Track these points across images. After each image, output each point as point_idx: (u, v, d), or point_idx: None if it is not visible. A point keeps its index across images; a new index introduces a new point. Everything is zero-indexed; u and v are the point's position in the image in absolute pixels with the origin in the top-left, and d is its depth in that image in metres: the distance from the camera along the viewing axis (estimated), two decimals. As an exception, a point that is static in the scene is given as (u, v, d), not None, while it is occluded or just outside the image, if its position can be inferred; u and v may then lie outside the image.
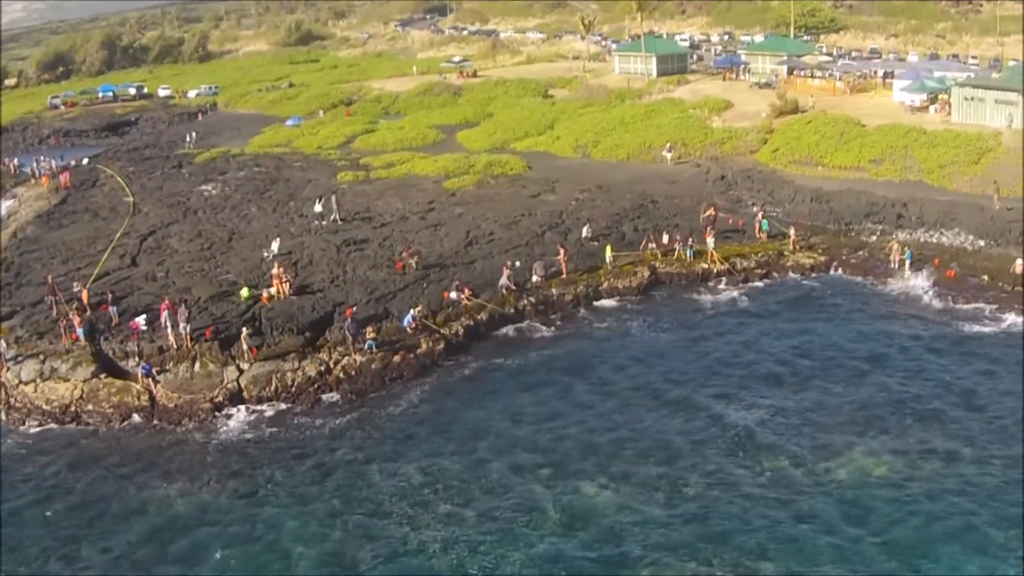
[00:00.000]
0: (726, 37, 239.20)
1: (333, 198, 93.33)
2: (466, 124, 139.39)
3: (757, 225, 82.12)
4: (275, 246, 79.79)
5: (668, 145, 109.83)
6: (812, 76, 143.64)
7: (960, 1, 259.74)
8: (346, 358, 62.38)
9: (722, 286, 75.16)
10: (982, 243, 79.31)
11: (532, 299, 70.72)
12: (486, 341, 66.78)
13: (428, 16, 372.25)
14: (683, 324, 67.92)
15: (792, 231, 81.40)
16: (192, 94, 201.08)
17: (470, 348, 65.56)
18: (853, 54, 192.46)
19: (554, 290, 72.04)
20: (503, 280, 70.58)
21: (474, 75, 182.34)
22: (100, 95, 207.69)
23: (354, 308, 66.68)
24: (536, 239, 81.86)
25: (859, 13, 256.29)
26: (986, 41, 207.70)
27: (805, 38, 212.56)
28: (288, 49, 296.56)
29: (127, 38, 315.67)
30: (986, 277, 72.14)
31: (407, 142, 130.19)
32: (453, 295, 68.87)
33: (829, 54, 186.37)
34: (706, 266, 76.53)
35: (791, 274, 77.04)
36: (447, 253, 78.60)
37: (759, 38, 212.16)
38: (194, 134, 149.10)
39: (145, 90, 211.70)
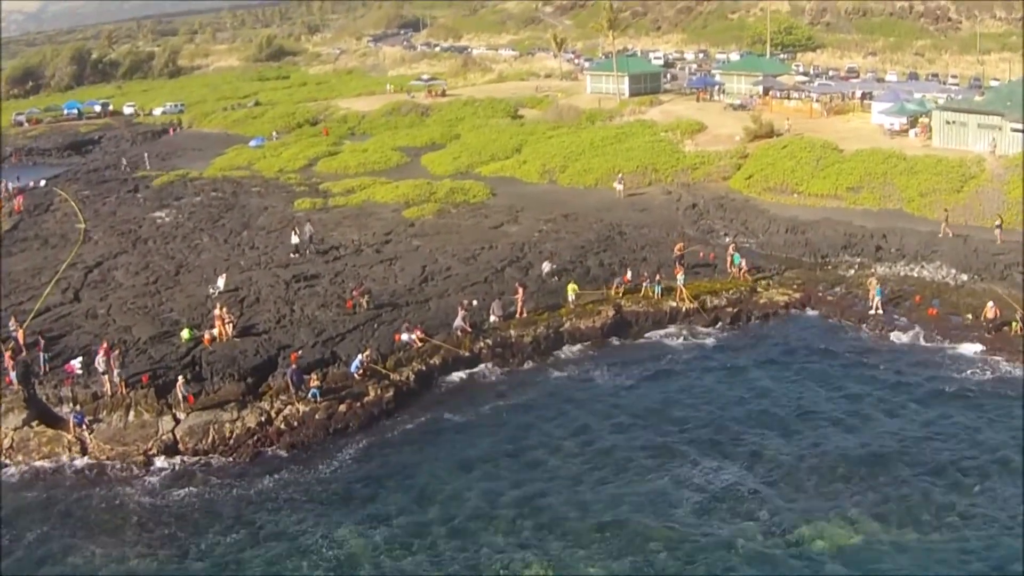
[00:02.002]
0: (701, 55, 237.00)
1: (308, 226, 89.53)
2: (432, 146, 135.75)
3: (729, 259, 77.91)
4: (221, 282, 75.63)
5: (619, 176, 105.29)
6: (788, 97, 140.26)
7: (939, 19, 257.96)
8: (288, 407, 58.09)
9: (691, 326, 70.78)
10: (964, 277, 75.57)
11: (489, 341, 66.27)
12: (438, 388, 62.46)
13: (402, 31, 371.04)
14: (647, 372, 63.45)
15: (743, 262, 77.85)
16: (157, 112, 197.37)
17: (421, 396, 61.19)
18: (830, 73, 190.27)
19: (512, 332, 67.59)
20: (458, 321, 66.32)
21: (443, 94, 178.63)
22: (65, 112, 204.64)
23: (299, 352, 62.76)
24: (495, 275, 77.63)
25: (836, 31, 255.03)
26: (965, 60, 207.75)
27: (782, 56, 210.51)
28: (259, 65, 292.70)
29: (97, 53, 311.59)
30: (970, 316, 67.97)
31: (370, 165, 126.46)
32: (405, 337, 64.62)
33: (806, 73, 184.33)
34: (675, 304, 72.23)
35: (764, 312, 72.63)
36: (401, 290, 74.32)
37: (734, 56, 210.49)
38: (146, 155, 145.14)
39: (111, 107, 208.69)
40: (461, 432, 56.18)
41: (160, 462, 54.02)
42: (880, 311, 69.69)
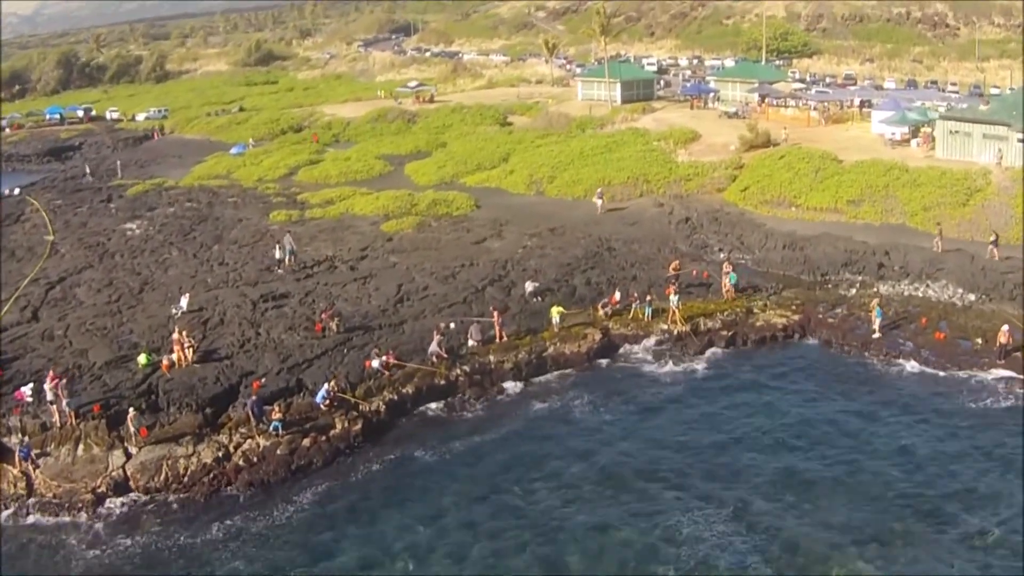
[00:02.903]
0: (695, 61, 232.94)
1: (288, 238, 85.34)
2: (417, 154, 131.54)
3: (725, 279, 73.50)
4: (184, 302, 71.35)
5: (599, 191, 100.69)
6: (785, 105, 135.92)
7: (936, 25, 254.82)
8: (248, 441, 53.82)
9: (683, 351, 66.25)
10: (972, 297, 71.61)
11: (466, 368, 61.85)
12: (411, 419, 58.02)
13: (394, 36, 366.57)
14: (633, 403, 58.88)
15: (724, 282, 73.67)
16: (140, 117, 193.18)
17: (392, 428, 56.79)
18: (827, 80, 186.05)
19: (492, 357, 63.16)
20: (433, 346, 61.89)
21: (431, 100, 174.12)
22: (47, 117, 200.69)
23: (263, 380, 58.67)
24: (475, 295, 73.15)
25: (833, 37, 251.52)
26: (964, 67, 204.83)
27: (777, 63, 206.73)
28: (247, 69, 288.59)
29: (84, 56, 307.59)
30: (980, 340, 63.74)
31: (352, 175, 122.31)
32: (376, 364, 60.14)
33: (802, 80, 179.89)
34: (666, 327, 67.81)
35: (761, 336, 68.17)
36: (374, 312, 69.87)
37: (729, 63, 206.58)
38: (119, 163, 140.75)
39: (93, 112, 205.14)
40: (432, 473, 51.71)
41: (109, 502, 49.89)
42: (880, 334, 65.29)
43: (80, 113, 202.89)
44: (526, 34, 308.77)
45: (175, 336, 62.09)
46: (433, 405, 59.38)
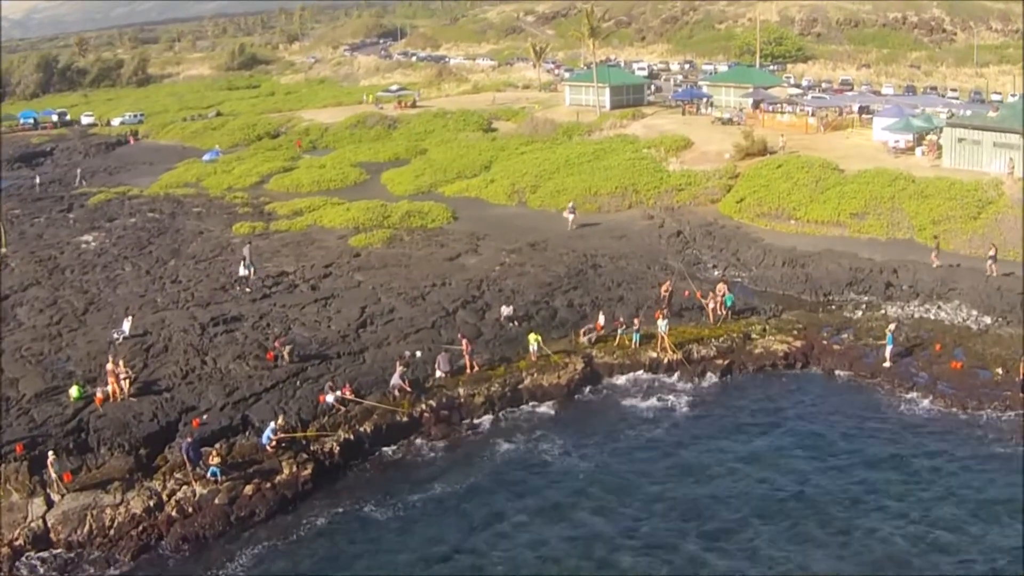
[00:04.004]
0: (687, 66, 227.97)
1: (247, 249, 79.90)
2: (395, 162, 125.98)
3: (720, 300, 67.20)
4: (126, 326, 65.10)
5: (570, 205, 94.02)
6: (781, 111, 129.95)
7: (933, 30, 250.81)
8: (184, 488, 47.42)
9: (673, 382, 59.90)
10: (988, 320, 65.63)
11: (432, 402, 55.33)
12: (368, 462, 51.37)
13: (382, 41, 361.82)
14: (614, 446, 52.06)
15: (718, 303, 67.45)
16: (116, 122, 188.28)
17: (346, 473, 50.29)
18: (823, 85, 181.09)
19: (461, 390, 56.72)
20: (395, 379, 55.49)
21: (413, 105, 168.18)
22: (21, 122, 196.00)
23: (204, 417, 52.48)
24: (445, 319, 66.53)
25: (827, 42, 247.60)
26: (963, 72, 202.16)
27: (771, 68, 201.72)
28: (230, 74, 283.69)
29: (65, 60, 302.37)
30: (1000, 371, 57.62)
31: (325, 183, 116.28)
32: (330, 398, 53.75)
33: (797, 85, 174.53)
34: (655, 355, 61.44)
35: (760, 364, 61.84)
36: (333, 338, 63.21)
37: (722, 68, 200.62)
38: (79, 172, 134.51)
39: (68, 117, 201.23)
40: (387, 531, 45.12)
41: (28, 558, 43.62)
42: (890, 363, 59.12)
43: (55, 118, 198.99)
44: (515, 38, 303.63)
45: (109, 366, 55.74)
46: (393, 446, 52.86)
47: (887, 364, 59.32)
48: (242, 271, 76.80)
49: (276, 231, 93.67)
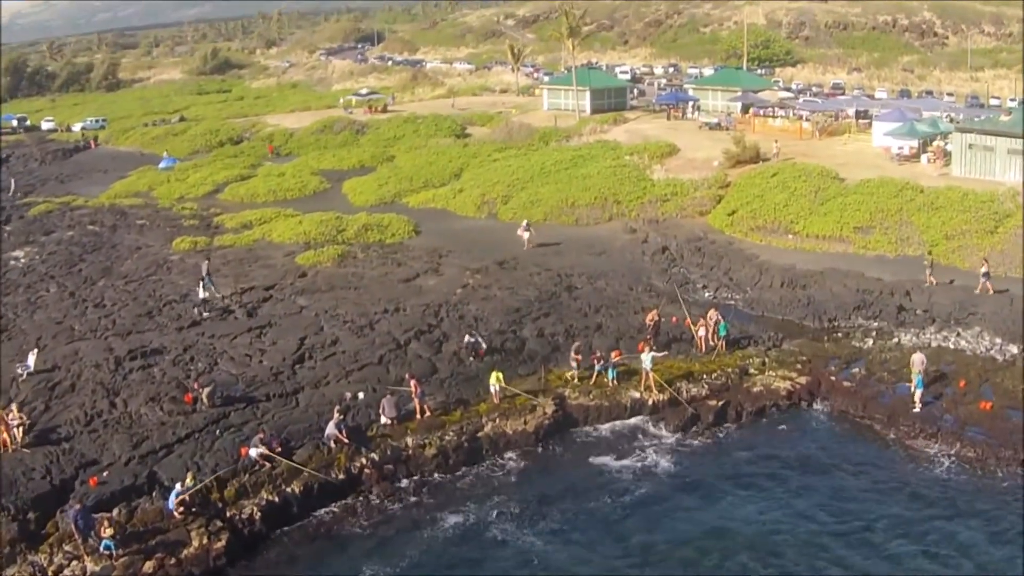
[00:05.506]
0: (671, 69, 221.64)
1: (205, 265, 72.35)
2: (360, 169, 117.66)
3: (713, 328, 58.72)
4: (31, 361, 56.32)
5: (525, 223, 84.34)
6: (773, 115, 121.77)
7: (924, 34, 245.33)
8: (74, 563, 38.88)
9: (658, 429, 51.09)
10: (1015, 350, 57.35)
11: (374, 456, 46.46)
12: (294, 532, 42.38)
13: (359, 45, 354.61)
14: (582, 519, 42.95)
15: (710, 332, 59.34)
16: (77, 127, 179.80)
17: (267, 546, 41.45)
18: (813, 89, 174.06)
19: (409, 440, 47.95)
20: (331, 428, 46.71)
21: (384, 110, 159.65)
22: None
23: (104, 474, 43.76)
24: (395, 353, 57.40)
25: (816, 45, 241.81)
26: (958, 76, 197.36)
27: (759, 72, 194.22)
28: (202, 78, 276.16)
29: (34, 64, 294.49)
30: (1037, 413, 49.16)
31: (283, 192, 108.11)
32: (254, 453, 45.04)
33: (788, 89, 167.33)
34: (638, 395, 52.87)
35: (759, 406, 53.08)
36: (263, 377, 54.17)
37: (708, 71, 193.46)
38: (13, 181, 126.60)
39: (28, 122, 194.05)
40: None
41: None
42: (920, 407, 50.68)
43: (14, 123, 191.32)
44: (494, 42, 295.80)
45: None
46: (325, 510, 43.97)
47: (917, 409, 50.74)
48: (201, 293, 68.43)
49: (220, 246, 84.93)
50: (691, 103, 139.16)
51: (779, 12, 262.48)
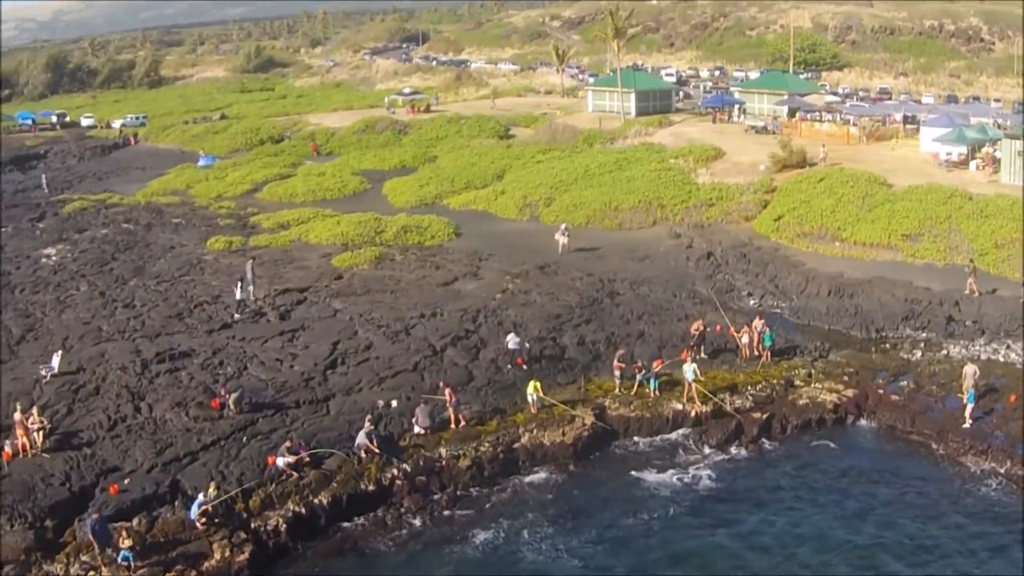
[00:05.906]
0: (717, 72, 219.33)
1: (249, 264, 70.79)
2: (401, 170, 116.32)
3: (757, 338, 57.10)
4: (55, 362, 55.30)
5: (563, 227, 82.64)
6: (820, 119, 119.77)
7: (971, 39, 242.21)
8: (91, 573, 37.63)
9: (699, 443, 49.62)
10: (1072, 363, 55.21)
11: (406, 466, 45.17)
12: (322, 544, 41.13)
13: (404, 45, 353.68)
14: (616, 536, 41.31)
15: (755, 341, 57.86)
16: (117, 124, 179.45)
17: (293, 558, 40.32)
18: (860, 94, 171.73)
19: (443, 450, 46.60)
20: (361, 437, 45.38)
21: (427, 110, 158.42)
22: (19, 123, 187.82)
23: (125, 481, 42.61)
24: (430, 359, 56.08)
25: (862, 50, 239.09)
26: (1005, 82, 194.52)
27: (805, 75, 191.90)
28: (245, 76, 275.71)
29: (75, 60, 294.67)
30: (1091, 432, 47.34)
31: (322, 192, 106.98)
32: (281, 462, 43.74)
33: (834, 93, 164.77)
34: (680, 406, 51.31)
35: (805, 419, 51.41)
36: (293, 382, 52.96)
37: (755, 74, 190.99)
38: (44, 178, 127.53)
39: (67, 118, 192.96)
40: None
41: None
42: (971, 423, 48.95)
43: (53, 119, 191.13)
44: (540, 43, 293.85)
45: (17, 416, 46.07)
46: (355, 523, 42.64)
47: (967, 424, 49.03)
48: (239, 294, 67.06)
49: (256, 247, 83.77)
50: (737, 106, 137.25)
51: (825, 16, 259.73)
